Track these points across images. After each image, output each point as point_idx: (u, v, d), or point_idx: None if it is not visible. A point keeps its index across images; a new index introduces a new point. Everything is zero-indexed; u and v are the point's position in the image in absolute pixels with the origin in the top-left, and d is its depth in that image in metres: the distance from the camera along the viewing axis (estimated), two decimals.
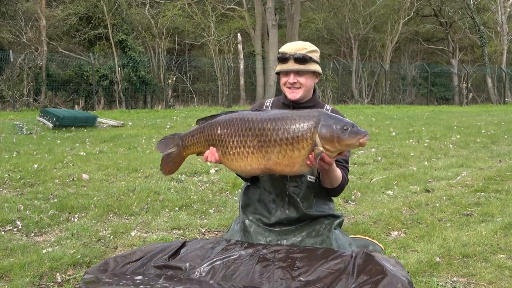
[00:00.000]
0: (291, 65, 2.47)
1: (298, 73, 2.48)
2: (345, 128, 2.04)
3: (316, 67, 2.52)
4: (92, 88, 19.24)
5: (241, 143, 2.17)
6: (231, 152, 2.20)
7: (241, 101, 21.47)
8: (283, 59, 2.49)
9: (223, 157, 2.24)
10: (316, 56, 2.52)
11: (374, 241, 2.85)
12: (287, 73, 2.50)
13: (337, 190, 2.50)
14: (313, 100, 2.60)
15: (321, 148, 2.06)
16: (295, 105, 2.55)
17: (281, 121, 2.12)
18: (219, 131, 2.24)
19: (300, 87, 2.50)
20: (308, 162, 2.09)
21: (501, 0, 27.11)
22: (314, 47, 2.54)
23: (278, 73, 2.57)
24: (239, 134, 2.18)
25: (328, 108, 2.59)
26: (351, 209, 3.87)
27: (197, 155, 2.39)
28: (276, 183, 2.49)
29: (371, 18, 26.06)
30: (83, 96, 20.05)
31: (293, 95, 2.51)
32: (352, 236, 2.92)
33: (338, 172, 2.39)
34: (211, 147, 2.28)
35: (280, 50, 2.54)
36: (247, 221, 2.56)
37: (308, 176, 2.49)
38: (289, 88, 2.51)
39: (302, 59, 2.46)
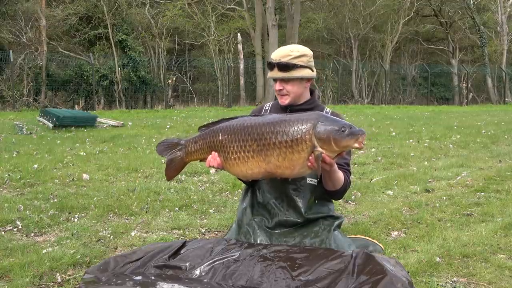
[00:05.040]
0: (275, 73, 2.48)
1: (283, 80, 2.48)
2: (342, 129, 2.05)
3: (303, 73, 2.46)
4: (92, 88, 19.24)
5: (241, 147, 2.21)
6: (232, 157, 2.23)
7: (241, 101, 21.47)
8: (269, 66, 2.50)
9: (225, 162, 2.27)
10: (303, 60, 2.46)
11: (374, 241, 2.85)
12: (275, 80, 2.52)
13: (340, 193, 2.50)
14: (310, 102, 2.59)
15: (320, 150, 2.07)
16: (291, 108, 2.55)
17: (279, 124, 2.15)
18: (220, 137, 2.27)
19: (287, 94, 2.50)
20: (309, 164, 2.10)
21: (501, 0, 27.11)
22: (301, 52, 2.47)
23: None
24: (239, 139, 2.22)
25: (328, 111, 2.58)
26: (351, 209, 3.87)
27: (200, 161, 2.43)
28: (276, 186, 2.50)
29: (371, 18, 26.07)
30: (83, 96, 20.05)
31: (282, 101, 2.54)
32: (352, 236, 2.92)
33: (340, 173, 2.40)
34: (213, 152, 2.31)
35: (270, 56, 2.54)
36: (247, 222, 2.56)
37: (308, 179, 2.49)
38: (278, 94, 2.55)
39: (286, 67, 2.44)
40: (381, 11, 26.09)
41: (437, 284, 2.38)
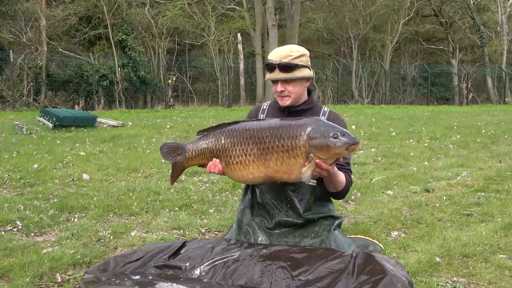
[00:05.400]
0: (277, 74, 2.44)
1: (285, 81, 2.47)
2: (335, 136, 2.07)
3: (304, 73, 2.46)
4: (92, 88, 19.25)
5: (243, 151, 2.23)
6: (233, 162, 2.25)
7: (241, 101, 21.48)
8: (269, 67, 2.46)
9: (226, 167, 2.29)
10: (303, 60, 2.46)
11: (374, 241, 2.85)
12: (275, 81, 2.50)
13: (342, 193, 2.51)
14: (308, 103, 2.58)
15: (313, 156, 2.09)
16: (289, 109, 2.55)
17: (278, 128, 2.18)
18: (223, 141, 2.29)
19: (288, 95, 2.49)
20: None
21: (501, 0, 27.11)
22: (301, 51, 2.47)
23: None
24: (240, 142, 2.24)
25: (325, 110, 2.58)
26: (351, 209, 3.87)
27: (199, 166, 2.43)
28: (275, 187, 2.50)
29: (371, 18, 26.06)
30: (83, 96, 20.06)
31: (282, 102, 2.52)
32: (352, 236, 2.92)
33: (341, 176, 2.40)
34: (214, 159, 2.32)
35: (268, 57, 2.49)
36: (247, 222, 2.57)
37: None
38: (278, 96, 2.53)
39: (288, 67, 2.41)
40: (381, 11, 26.09)
41: (437, 284, 2.38)
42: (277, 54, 2.45)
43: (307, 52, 2.52)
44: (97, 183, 4.77)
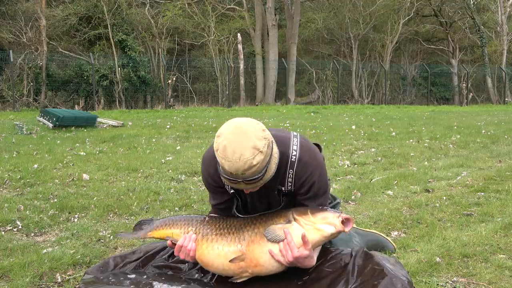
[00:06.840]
0: (243, 185, 2.02)
1: None
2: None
3: (273, 166, 2.03)
4: (92, 88, 19.25)
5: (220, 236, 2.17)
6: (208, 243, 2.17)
7: (241, 101, 21.49)
8: (232, 181, 2.00)
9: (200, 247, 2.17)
10: (267, 153, 1.96)
11: (388, 239, 2.83)
12: None
13: None
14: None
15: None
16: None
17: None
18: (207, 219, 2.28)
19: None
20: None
21: (501, 0, 27.11)
22: (261, 147, 1.93)
23: None
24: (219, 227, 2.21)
25: (293, 160, 2.17)
26: (351, 209, 3.87)
27: (162, 239, 2.34)
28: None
29: (371, 18, 26.06)
30: (83, 96, 20.06)
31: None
32: (366, 230, 2.85)
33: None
34: (191, 233, 2.20)
35: (222, 163, 1.96)
36: None
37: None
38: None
39: (256, 179, 1.98)
40: (381, 11, 26.08)
41: (437, 284, 2.38)
42: (237, 166, 1.92)
43: (266, 134, 1.99)
44: (97, 183, 4.77)
